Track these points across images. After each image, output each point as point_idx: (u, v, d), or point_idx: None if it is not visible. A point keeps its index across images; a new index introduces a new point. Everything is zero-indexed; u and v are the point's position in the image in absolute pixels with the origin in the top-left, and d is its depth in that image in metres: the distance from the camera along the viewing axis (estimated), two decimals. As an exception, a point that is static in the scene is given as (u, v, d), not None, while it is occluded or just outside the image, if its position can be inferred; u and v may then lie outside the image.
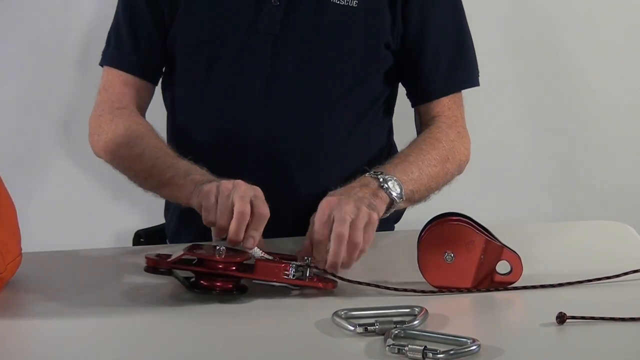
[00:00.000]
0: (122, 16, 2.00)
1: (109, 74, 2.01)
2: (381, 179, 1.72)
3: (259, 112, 1.91)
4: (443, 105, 1.96)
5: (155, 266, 1.58)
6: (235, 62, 1.92)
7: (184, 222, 2.01)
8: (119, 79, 1.99)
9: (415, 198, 1.81)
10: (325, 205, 1.64)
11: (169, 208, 2.08)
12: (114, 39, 2.01)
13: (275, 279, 1.58)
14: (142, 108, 2.01)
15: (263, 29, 1.90)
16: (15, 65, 2.78)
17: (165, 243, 2.09)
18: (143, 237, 2.13)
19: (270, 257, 1.60)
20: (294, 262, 1.59)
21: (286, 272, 1.57)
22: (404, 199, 1.75)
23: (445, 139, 1.91)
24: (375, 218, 1.64)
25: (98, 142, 1.95)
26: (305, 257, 1.60)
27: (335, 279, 1.61)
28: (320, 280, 1.60)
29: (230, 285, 1.57)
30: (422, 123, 1.99)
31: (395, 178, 1.74)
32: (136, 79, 1.99)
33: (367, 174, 1.75)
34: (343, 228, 1.60)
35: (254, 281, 1.58)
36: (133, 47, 1.98)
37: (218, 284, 1.57)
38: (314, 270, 1.59)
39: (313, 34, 1.90)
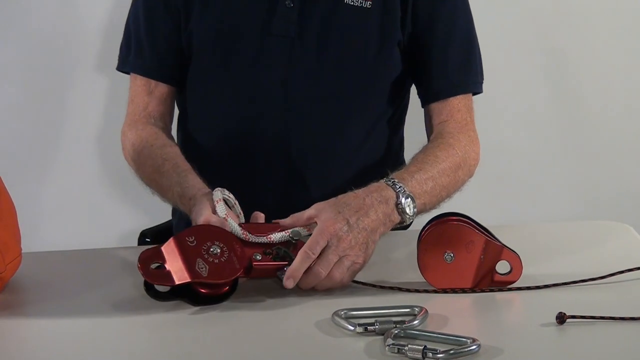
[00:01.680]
0: (142, 21, 1.99)
1: (134, 83, 2.02)
2: (400, 198, 1.67)
3: (275, 114, 1.91)
4: (453, 107, 1.95)
5: (153, 284, 1.56)
6: (251, 64, 1.92)
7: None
8: (142, 88, 2.00)
9: (426, 209, 1.79)
10: (325, 230, 1.59)
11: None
12: (135, 44, 2.00)
13: (269, 276, 1.59)
14: (165, 115, 2.01)
15: (278, 32, 1.90)
16: (16, 66, 2.78)
17: None
18: (149, 236, 2.12)
19: (255, 239, 1.60)
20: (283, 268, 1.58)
21: (280, 272, 1.57)
22: (414, 218, 1.72)
23: (458, 145, 1.89)
24: (361, 261, 1.61)
25: (125, 154, 1.99)
26: (291, 236, 1.60)
27: None
28: None
29: (226, 288, 1.56)
30: (433, 125, 1.97)
31: (411, 195, 1.69)
32: (159, 85, 2.00)
33: (386, 181, 1.70)
34: (323, 268, 1.57)
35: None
36: (154, 52, 1.98)
37: (203, 290, 1.55)
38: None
39: (328, 36, 1.90)
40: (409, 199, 1.69)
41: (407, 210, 1.68)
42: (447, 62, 1.96)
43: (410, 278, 1.62)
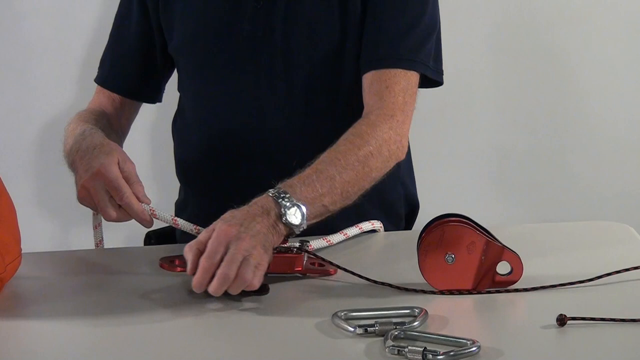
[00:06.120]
0: (110, 36, 2.05)
1: (97, 91, 2.07)
2: (282, 209, 1.63)
3: (251, 114, 1.92)
4: (382, 82, 1.86)
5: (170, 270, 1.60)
6: (223, 68, 1.93)
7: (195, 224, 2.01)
8: (98, 88, 2.06)
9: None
10: (222, 235, 1.56)
11: (183, 209, 2.08)
12: (102, 56, 2.07)
13: (288, 271, 1.60)
14: (113, 114, 2.03)
15: (247, 32, 1.91)
16: (15, 66, 2.78)
17: (176, 242, 2.09)
18: (153, 238, 2.13)
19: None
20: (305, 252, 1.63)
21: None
22: (306, 223, 1.65)
23: (371, 132, 1.80)
24: (265, 262, 1.57)
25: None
26: (299, 242, 1.62)
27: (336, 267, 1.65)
28: (321, 267, 1.65)
29: None
30: (364, 102, 1.89)
31: (298, 204, 1.64)
32: (114, 94, 2.04)
33: (270, 194, 1.65)
34: (230, 269, 1.53)
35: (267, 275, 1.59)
36: (112, 66, 2.03)
37: None
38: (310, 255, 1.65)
39: (293, 31, 1.90)
40: (294, 208, 1.64)
41: (293, 220, 1.63)
42: (382, 32, 1.89)
43: (411, 279, 1.62)
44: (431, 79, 1.93)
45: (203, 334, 1.49)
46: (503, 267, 1.59)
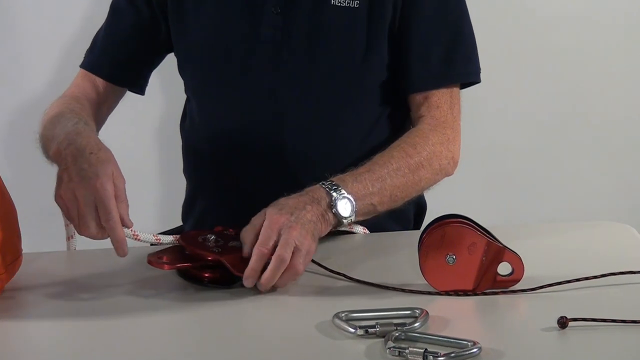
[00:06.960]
0: (107, 19, 2.04)
1: (79, 74, 2.05)
2: (333, 198, 1.68)
3: (267, 119, 1.91)
4: (432, 103, 1.91)
5: (157, 267, 1.61)
6: (241, 71, 1.92)
7: (204, 221, 2.01)
8: (82, 73, 2.05)
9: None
10: (274, 222, 1.60)
11: (189, 212, 2.08)
12: (93, 40, 2.06)
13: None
14: (95, 101, 2.01)
15: (265, 38, 1.90)
16: (15, 64, 2.78)
17: None
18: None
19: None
20: None
21: None
22: (355, 218, 1.72)
23: (423, 144, 1.85)
24: (314, 249, 1.62)
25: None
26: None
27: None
28: None
29: (218, 275, 1.59)
30: (412, 118, 1.94)
31: (349, 197, 1.70)
32: (97, 79, 2.02)
33: (323, 184, 1.71)
34: (286, 251, 1.57)
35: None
36: (103, 51, 2.02)
37: (206, 274, 1.60)
38: None
39: (315, 38, 1.89)
40: (345, 200, 1.69)
41: (342, 212, 1.68)
42: (427, 56, 1.91)
43: (412, 280, 1.62)
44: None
45: (203, 335, 1.49)
46: (504, 268, 1.59)
